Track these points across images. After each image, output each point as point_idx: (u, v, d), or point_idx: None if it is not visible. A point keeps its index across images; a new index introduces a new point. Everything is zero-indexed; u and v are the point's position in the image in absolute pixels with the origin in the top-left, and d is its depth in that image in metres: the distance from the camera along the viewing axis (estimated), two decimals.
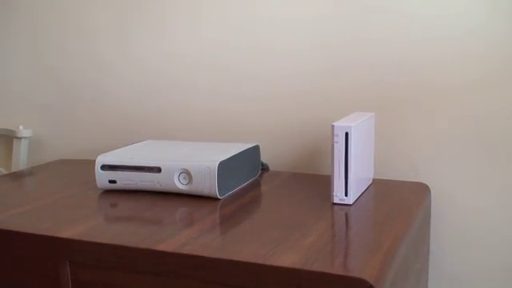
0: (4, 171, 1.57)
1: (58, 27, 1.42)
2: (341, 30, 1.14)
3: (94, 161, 1.10)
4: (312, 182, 1.09)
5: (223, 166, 0.98)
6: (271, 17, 1.19)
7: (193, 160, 0.98)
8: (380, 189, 1.03)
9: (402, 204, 0.93)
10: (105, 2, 1.35)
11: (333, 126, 0.91)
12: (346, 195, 0.93)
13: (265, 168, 1.21)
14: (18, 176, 1.22)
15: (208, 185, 0.96)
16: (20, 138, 1.49)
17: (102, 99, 1.41)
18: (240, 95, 1.25)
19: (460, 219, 1.11)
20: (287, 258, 0.69)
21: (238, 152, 1.04)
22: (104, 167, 1.04)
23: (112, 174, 1.03)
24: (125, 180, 1.03)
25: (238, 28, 1.22)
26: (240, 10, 1.21)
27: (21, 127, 1.49)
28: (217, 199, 0.98)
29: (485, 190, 1.08)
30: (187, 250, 0.73)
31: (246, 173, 1.08)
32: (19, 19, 1.47)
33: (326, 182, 1.09)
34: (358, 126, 0.93)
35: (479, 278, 1.11)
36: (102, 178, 1.04)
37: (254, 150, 1.11)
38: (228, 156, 1.00)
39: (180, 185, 0.99)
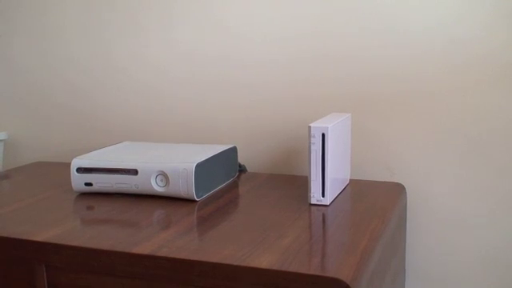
0: None
1: (31, 28, 1.41)
2: (318, 32, 1.14)
3: (70, 163, 1.09)
4: (289, 183, 1.09)
5: (200, 167, 0.97)
6: (244, 15, 1.19)
7: (170, 162, 0.98)
8: (356, 189, 1.04)
9: (378, 204, 0.94)
10: (75, 2, 1.34)
11: (309, 127, 0.91)
12: (323, 196, 0.93)
13: (242, 169, 1.21)
14: None
15: (185, 187, 0.96)
16: None
17: (78, 101, 1.40)
18: (217, 96, 1.25)
19: (435, 218, 1.12)
20: (264, 259, 0.69)
21: (215, 153, 1.04)
22: (79, 170, 1.03)
23: (88, 177, 1.02)
24: (101, 182, 1.02)
25: (212, 29, 1.22)
26: (213, 10, 1.21)
27: None
28: (194, 201, 0.98)
29: (460, 190, 1.10)
30: (164, 252, 0.73)
31: (224, 174, 1.08)
32: None
33: (303, 182, 1.10)
34: (335, 126, 0.94)
35: (455, 276, 1.12)
36: (78, 181, 1.03)
37: (232, 152, 1.11)
38: (205, 158, 1.00)
39: (157, 187, 0.99)
